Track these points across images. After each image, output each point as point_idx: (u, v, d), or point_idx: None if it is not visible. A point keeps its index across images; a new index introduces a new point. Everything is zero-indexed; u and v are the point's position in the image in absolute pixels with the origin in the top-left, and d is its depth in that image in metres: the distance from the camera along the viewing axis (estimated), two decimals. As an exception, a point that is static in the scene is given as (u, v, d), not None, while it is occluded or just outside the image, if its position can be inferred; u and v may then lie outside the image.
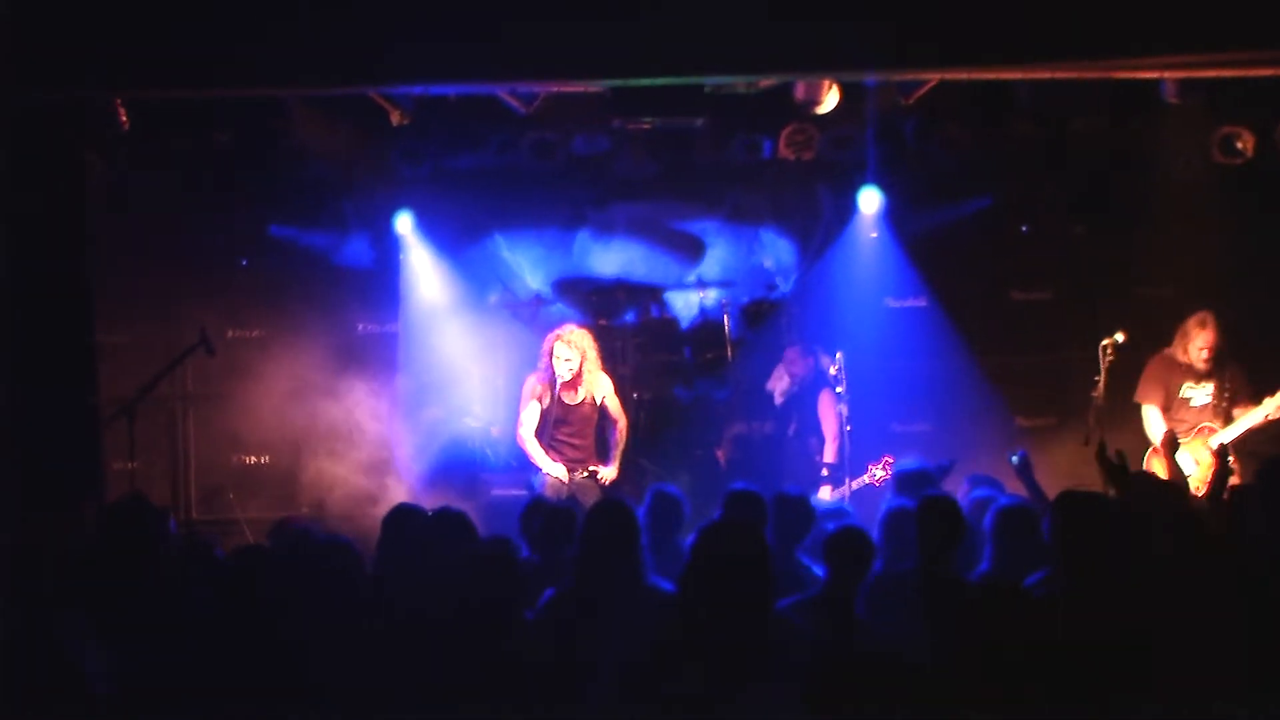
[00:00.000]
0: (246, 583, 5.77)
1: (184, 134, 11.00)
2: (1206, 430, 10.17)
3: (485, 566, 5.91)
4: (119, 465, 10.81)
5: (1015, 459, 8.35)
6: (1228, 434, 9.98)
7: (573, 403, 10.65)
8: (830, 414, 11.08)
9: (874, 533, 6.86)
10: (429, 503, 7.51)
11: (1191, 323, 10.34)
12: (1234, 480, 7.65)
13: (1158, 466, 9.73)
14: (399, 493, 11.10)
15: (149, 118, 10.54)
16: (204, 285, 11.85)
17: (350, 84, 10.38)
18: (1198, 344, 10.26)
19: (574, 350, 10.53)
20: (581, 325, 11.15)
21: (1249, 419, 9.99)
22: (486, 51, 9.36)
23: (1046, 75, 10.34)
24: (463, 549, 6.27)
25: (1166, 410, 10.29)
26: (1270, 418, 9.85)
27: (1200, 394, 10.33)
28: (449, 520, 6.62)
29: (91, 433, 10.37)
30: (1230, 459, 8.28)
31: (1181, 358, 10.37)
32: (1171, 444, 8.68)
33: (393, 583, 6.19)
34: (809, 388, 11.41)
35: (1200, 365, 10.27)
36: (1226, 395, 10.24)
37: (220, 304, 11.75)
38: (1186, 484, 8.31)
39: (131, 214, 11.53)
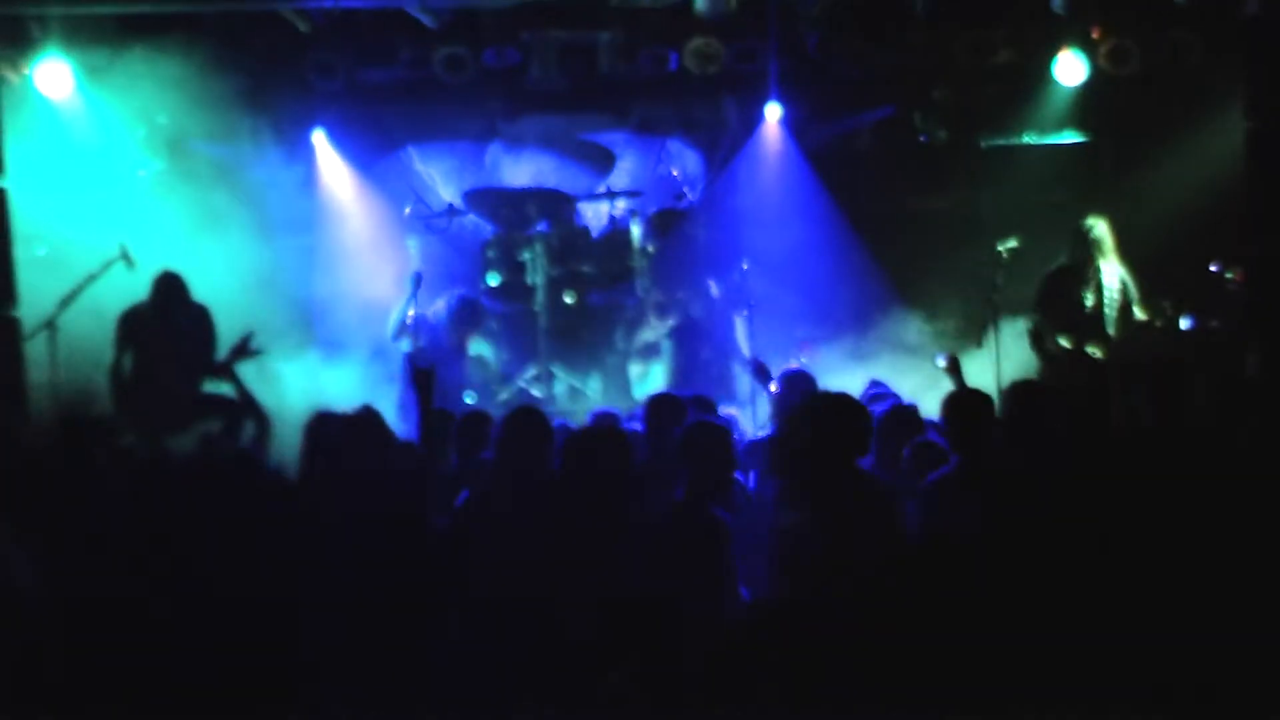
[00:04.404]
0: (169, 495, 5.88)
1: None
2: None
3: (399, 473, 6.20)
4: (41, 378, 10.69)
5: (941, 360, 8.74)
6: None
7: None
8: (743, 337, 11.55)
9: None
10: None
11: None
12: None
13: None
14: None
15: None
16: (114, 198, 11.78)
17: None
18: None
19: None
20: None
21: None
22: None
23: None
24: (377, 454, 6.42)
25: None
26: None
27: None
28: (365, 422, 6.66)
29: (12, 345, 10.46)
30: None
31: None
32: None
33: (314, 491, 6.29)
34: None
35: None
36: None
37: (134, 217, 11.55)
38: None
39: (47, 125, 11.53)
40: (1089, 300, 10.32)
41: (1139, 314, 10.24)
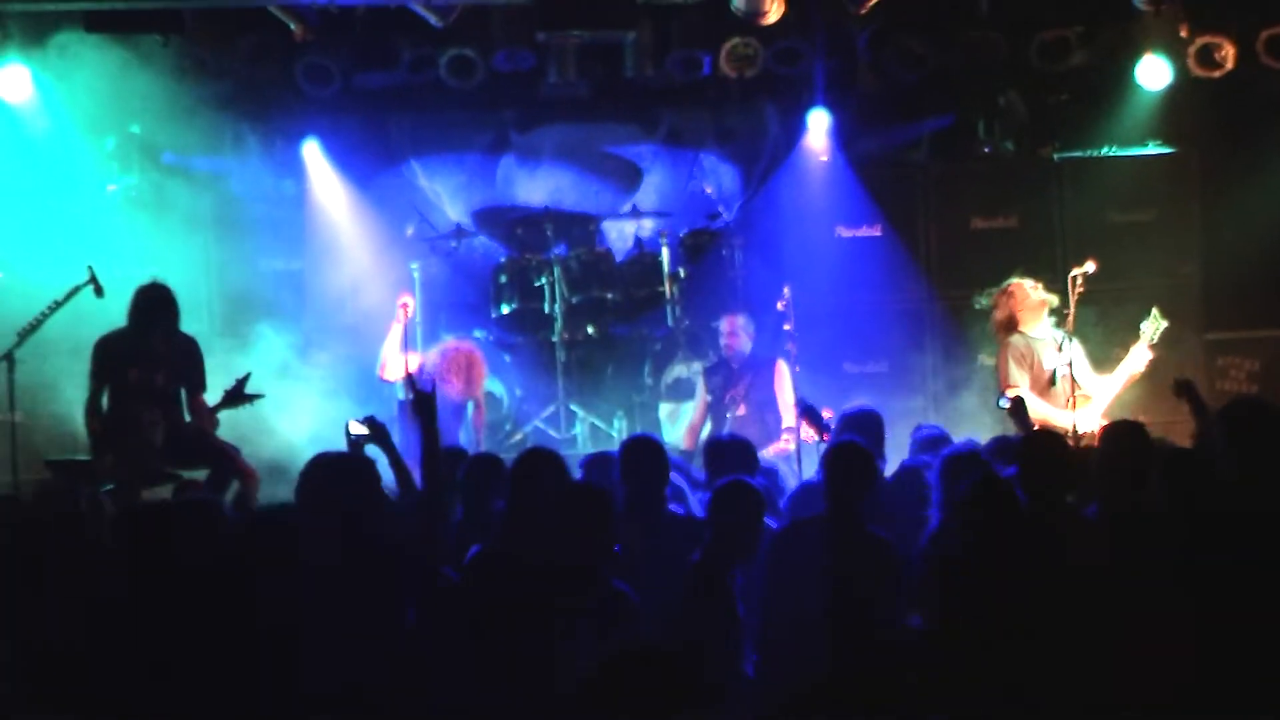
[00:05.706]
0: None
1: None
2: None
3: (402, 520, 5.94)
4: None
5: (1005, 402, 8.79)
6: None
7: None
8: (786, 383, 10.70)
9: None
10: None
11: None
12: None
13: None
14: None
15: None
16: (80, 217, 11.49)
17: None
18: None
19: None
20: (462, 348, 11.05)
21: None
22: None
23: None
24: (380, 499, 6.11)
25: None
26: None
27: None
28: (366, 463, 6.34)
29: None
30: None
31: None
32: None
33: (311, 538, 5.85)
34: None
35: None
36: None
37: (102, 238, 11.20)
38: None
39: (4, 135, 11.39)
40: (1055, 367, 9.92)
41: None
